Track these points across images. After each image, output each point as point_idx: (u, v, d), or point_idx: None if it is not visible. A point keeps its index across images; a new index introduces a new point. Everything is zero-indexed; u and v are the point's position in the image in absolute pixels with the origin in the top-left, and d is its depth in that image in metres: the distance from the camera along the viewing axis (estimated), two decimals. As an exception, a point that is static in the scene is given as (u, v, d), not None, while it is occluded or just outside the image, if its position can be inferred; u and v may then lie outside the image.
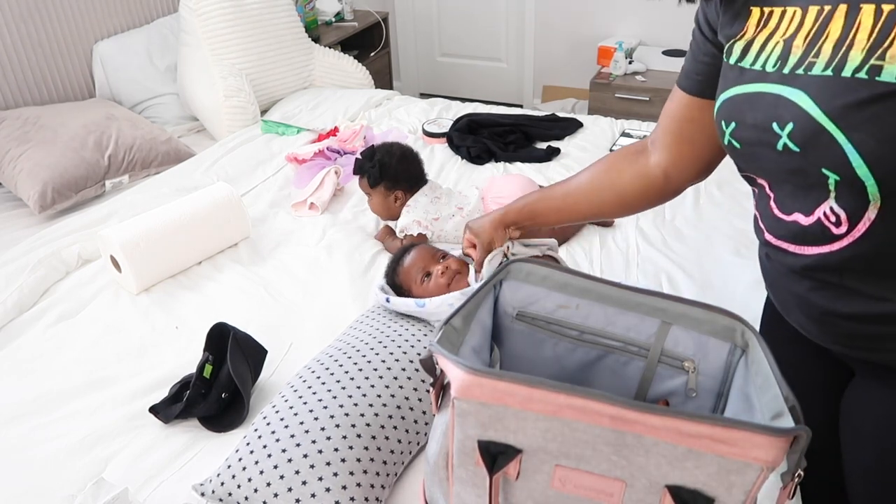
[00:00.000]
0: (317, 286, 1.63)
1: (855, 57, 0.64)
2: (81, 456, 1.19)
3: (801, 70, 0.68)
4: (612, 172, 1.02)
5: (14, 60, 2.34)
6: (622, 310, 0.86)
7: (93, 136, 2.15)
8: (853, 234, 0.69)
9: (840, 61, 0.65)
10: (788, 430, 0.61)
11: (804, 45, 0.69)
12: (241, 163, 2.28)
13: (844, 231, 0.69)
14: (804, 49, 0.69)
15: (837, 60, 0.65)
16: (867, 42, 0.63)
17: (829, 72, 0.65)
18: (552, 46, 3.89)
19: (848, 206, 0.68)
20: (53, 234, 1.83)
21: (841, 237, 0.70)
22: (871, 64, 0.62)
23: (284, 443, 1.04)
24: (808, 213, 0.72)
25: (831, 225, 0.70)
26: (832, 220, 0.69)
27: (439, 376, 0.72)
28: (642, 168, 0.99)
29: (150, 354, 1.43)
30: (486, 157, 2.25)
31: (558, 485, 0.69)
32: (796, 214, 0.73)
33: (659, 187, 0.99)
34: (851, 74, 0.63)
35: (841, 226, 0.69)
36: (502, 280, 0.89)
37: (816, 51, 0.67)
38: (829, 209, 0.69)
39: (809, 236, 0.73)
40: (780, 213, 0.76)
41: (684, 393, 0.86)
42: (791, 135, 0.68)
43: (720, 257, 1.69)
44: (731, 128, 0.77)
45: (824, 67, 0.66)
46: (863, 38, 0.63)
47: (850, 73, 0.63)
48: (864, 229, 0.68)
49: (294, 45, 2.86)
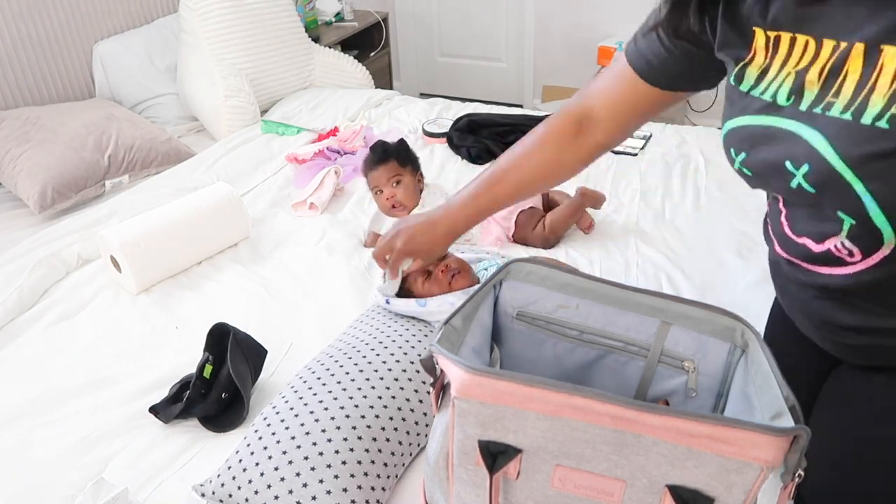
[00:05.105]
0: (317, 286, 1.62)
1: (876, 102, 0.61)
2: (81, 456, 1.19)
3: (819, 109, 0.65)
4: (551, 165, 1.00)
5: (14, 60, 2.34)
6: (622, 310, 0.86)
7: (93, 136, 2.15)
8: (866, 263, 0.68)
9: (861, 105, 0.62)
10: (788, 429, 0.61)
11: (820, 81, 0.66)
12: (241, 163, 2.28)
13: (857, 260, 0.68)
14: (821, 86, 0.66)
15: (858, 104, 0.62)
16: (889, 88, 0.60)
17: (849, 115, 0.62)
18: (552, 46, 3.89)
19: (861, 243, 0.67)
20: (53, 235, 1.83)
21: (854, 263, 0.69)
22: (891, 113, 0.60)
23: (285, 444, 1.04)
24: (818, 242, 0.71)
25: (843, 255, 0.69)
26: (844, 252, 0.68)
27: (439, 376, 0.72)
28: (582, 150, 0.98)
29: (150, 354, 1.43)
30: (486, 157, 2.25)
31: (558, 484, 0.69)
32: (806, 239, 0.72)
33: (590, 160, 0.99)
34: (871, 122, 0.61)
35: (854, 256, 0.68)
36: (502, 280, 0.89)
37: (836, 90, 0.64)
38: (841, 244, 0.68)
39: (820, 259, 0.72)
40: (791, 233, 0.74)
41: (684, 393, 0.86)
42: (806, 176, 0.66)
43: (720, 257, 1.69)
44: (741, 157, 0.74)
45: (843, 110, 0.63)
46: (885, 83, 0.60)
47: (870, 120, 0.61)
48: (878, 260, 0.66)
49: (294, 45, 2.86)
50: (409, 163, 1.84)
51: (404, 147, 1.87)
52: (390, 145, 1.86)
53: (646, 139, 2.33)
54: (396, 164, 1.80)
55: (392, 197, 1.80)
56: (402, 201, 1.79)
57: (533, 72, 4.04)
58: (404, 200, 1.79)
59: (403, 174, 1.80)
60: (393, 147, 1.85)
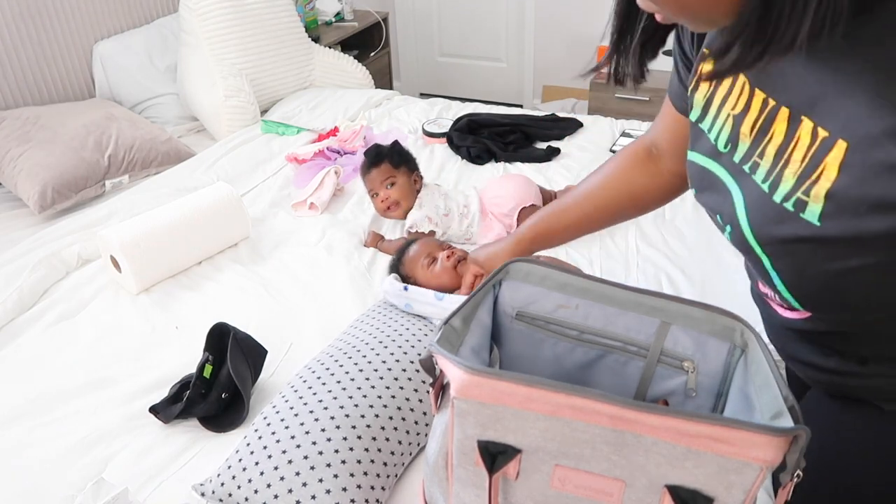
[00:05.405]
0: (317, 286, 1.63)
1: (788, 179, 0.59)
2: (81, 456, 1.19)
3: (748, 168, 0.64)
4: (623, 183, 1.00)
5: (14, 60, 2.34)
6: (622, 310, 0.86)
7: (93, 136, 2.15)
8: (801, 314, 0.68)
9: (776, 178, 0.60)
10: (788, 429, 0.61)
11: (751, 135, 0.64)
12: (241, 163, 2.28)
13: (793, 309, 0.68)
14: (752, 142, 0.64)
15: (774, 176, 0.60)
16: (800, 165, 0.57)
17: (766, 187, 0.61)
18: (552, 46, 3.89)
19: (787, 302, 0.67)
20: (53, 235, 1.83)
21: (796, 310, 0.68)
22: (797, 197, 0.57)
23: (285, 443, 1.04)
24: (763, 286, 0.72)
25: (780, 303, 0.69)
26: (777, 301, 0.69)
27: (439, 376, 0.72)
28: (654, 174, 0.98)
29: (150, 354, 1.43)
30: (486, 157, 2.25)
31: (558, 484, 0.69)
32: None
33: (675, 187, 0.98)
34: (780, 201, 0.59)
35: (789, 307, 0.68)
36: (502, 280, 0.89)
37: (761, 151, 0.62)
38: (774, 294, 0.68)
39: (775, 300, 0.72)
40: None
41: (684, 393, 0.86)
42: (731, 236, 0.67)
43: (720, 257, 1.69)
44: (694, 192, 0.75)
45: (764, 178, 0.61)
46: (797, 159, 0.58)
47: (780, 198, 0.59)
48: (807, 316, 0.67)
49: (294, 45, 2.86)
50: (404, 164, 1.85)
51: (398, 149, 1.88)
52: (384, 148, 1.88)
53: (646, 139, 2.33)
54: (390, 166, 1.82)
55: (387, 199, 1.81)
56: (396, 200, 1.81)
57: (533, 72, 4.04)
58: (398, 199, 1.81)
59: (397, 175, 1.81)
60: (386, 149, 1.86)
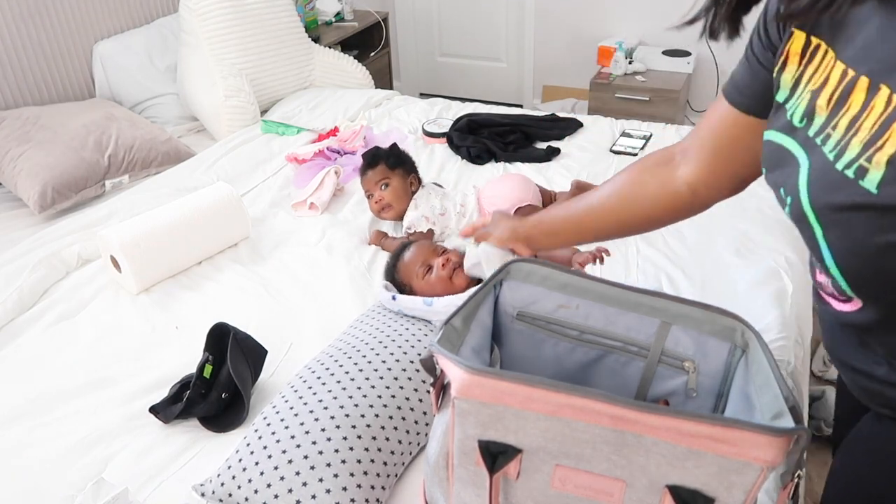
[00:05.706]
0: (317, 286, 1.62)
1: (854, 147, 0.57)
2: (81, 456, 1.18)
3: (819, 140, 0.62)
4: (634, 186, 0.92)
5: (14, 60, 2.34)
6: (622, 310, 0.86)
7: (93, 136, 2.15)
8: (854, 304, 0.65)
9: (843, 147, 0.58)
10: (788, 430, 0.61)
11: (828, 108, 0.62)
12: (241, 163, 2.28)
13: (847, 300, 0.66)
14: (828, 114, 0.62)
15: (842, 144, 0.59)
16: (868, 132, 0.56)
17: (832, 155, 0.59)
18: (552, 46, 3.89)
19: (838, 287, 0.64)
20: (53, 235, 1.83)
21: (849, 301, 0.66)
22: (859, 164, 0.56)
23: (285, 443, 1.04)
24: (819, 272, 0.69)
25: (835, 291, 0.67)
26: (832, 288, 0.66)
27: (439, 376, 0.72)
28: (667, 180, 0.90)
29: (150, 354, 1.43)
30: (486, 157, 2.24)
31: (558, 484, 0.69)
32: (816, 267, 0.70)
33: (685, 202, 0.90)
34: (842, 168, 0.58)
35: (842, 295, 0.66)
36: (502, 280, 0.89)
37: (836, 122, 0.60)
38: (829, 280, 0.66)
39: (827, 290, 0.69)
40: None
41: (684, 393, 0.86)
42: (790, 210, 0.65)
43: (720, 257, 1.68)
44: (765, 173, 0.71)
45: (833, 147, 0.60)
46: (867, 127, 0.57)
47: (842, 165, 0.58)
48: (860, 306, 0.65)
49: (294, 45, 2.85)
50: (400, 166, 1.85)
51: (395, 151, 1.89)
52: (381, 150, 1.88)
53: (646, 139, 2.33)
54: (385, 168, 1.82)
55: (380, 200, 1.82)
56: (388, 202, 1.81)
57: (533, 72, 4.04)
58: (391, 201, 1.81)
59: (392, 177, 1.82)
60: (383, 151, 1.87)
